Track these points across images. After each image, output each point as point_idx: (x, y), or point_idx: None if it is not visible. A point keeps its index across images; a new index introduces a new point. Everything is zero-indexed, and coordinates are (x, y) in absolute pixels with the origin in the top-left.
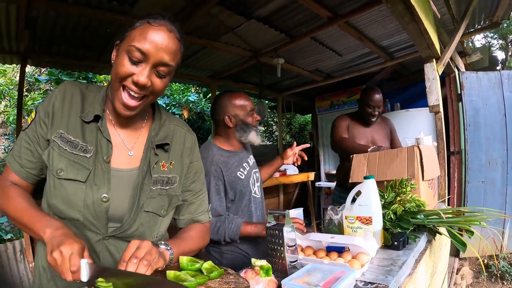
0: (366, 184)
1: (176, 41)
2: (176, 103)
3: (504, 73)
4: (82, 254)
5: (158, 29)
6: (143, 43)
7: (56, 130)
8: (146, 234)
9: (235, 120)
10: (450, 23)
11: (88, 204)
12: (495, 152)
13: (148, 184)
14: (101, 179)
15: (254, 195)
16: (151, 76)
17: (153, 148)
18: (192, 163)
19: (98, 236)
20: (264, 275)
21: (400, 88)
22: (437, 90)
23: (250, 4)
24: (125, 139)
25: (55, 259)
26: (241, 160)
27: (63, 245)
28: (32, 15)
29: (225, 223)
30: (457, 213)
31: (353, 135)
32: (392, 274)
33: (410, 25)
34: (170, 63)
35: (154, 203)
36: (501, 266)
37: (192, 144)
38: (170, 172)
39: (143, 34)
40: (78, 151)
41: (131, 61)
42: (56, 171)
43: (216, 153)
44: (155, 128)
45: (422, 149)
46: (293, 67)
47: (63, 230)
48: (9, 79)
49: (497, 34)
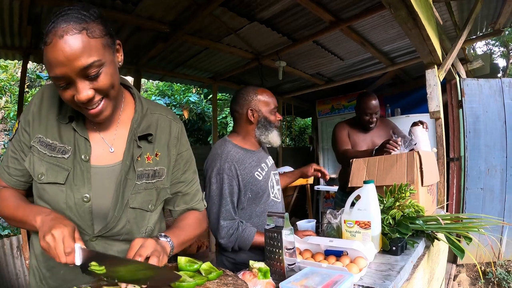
0: (365, 189)
1: (87, 35)
2: (176, 103)
3: (505, 80)
4: (74, 236)
5: (59, 43)
6: (55, 68)
7: (35, 135)
8: (134, 231)
9: (258, 116)
10: (452, 30)
11: (71, 206)
12: (495, 159)
13: (133, 179)
14: (80, 179)
15: (274, 198)
16: (88, 85)
17: (136, 140)
18: (180, 154)
19: (85, 237)
20: (262, 278)
21: (401, 94)
22: (438, 96)
23: (253, 6)
24: (104, 135)
25: (48, 243)
26: (259, 160)
27: (54, 228)
28: (36, 11)
29: (238, 230)
30: (456, 219)
31: (354, 141)
32: (390, 279)
33: (412, 31)
34: (92, 61)
35: (140, 199)
36: (498, 273)
37: (178, 133)
38: (157, 164)
39: (49, 59)
40: (57, 153)
41: (62, 88)
42: (37, 176)
43: (231, 150)
44: (137, 119)
45: (422, 155)
46: (295, 70)
47: (53, 215)
48: (10, 75)
49: (499, 41)
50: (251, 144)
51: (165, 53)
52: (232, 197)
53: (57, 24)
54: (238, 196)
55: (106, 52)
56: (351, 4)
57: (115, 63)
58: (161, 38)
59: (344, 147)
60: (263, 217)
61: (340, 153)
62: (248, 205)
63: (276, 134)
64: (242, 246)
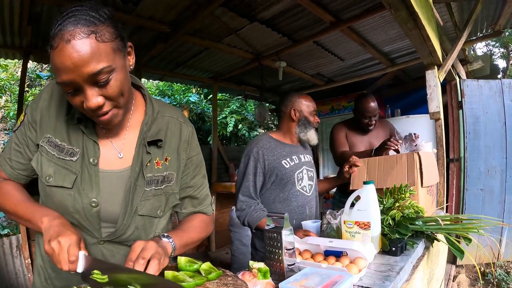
0: (365, 189)
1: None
2: (177, 103)
3: (505, 81)
4: (79, 245)
5: (66, 48)
6: (62, 74)
7: (43, 135)
8: (142, 237)
9: (299, 115)
10: (452, 31)
11: (78, 210)
12: (494, 160)
13: (142, 185)
14: (88, 183)
15: (301, 190)
16: (98, 92)
17: (145, 145)
18: (190, 158)
19: (93, 239)
20: (262, 278)
21: (401, 94)
22: (438, 97)
23: (253, 7)
24: (113, 139)
25: (53, 249)
26: (291, 153)
27: (62, 235)
28: (36, 10)
29: (250, 208)
30: (455, 220)
31: (351, 143)
32: (389, 279)
33: (412, 32)
34: (101, 67)
35: (149, 205)
36: (497, 274)
37: (189, 137)
38: (166, 169)
39: (56, 64)
40: (65, 155)
41: (69, 94)
42: (45, 178)
43: (263, 139)
44: (148, 123)
45: (422, 156)
46: (295, 71)
47: (61, 220)
48: (10, 74)
49: (499, 42)
50: (290, 140)
51: (165, 53)
52: (255, 176)
53: (64, 27)
54: (263, 177)
55: (116, 56)
56: (352, 4)
57: (126, 67)
58: (162, 38)
59: (342, 149)
60: (285, 204)
61: (338, 155)
62: (273, 189)
63: (313, 133)
64: (250, 224)
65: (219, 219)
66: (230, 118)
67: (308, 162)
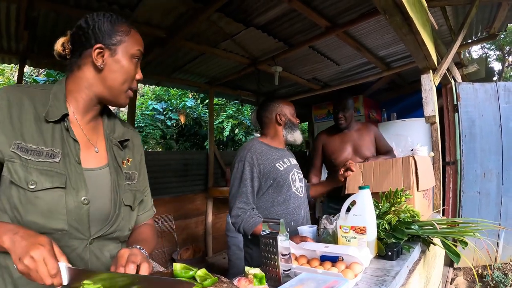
0: (361, 194)
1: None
2: (173, 108)
3: (500, 84)
4: (54, 253)
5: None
6: (140, 46)
7: (10, 143)
8: (125, 228)
9: (285, 119)
10: (447, 35)
11: (71, 210)
12: (490, 163)
13: (122, 179)
14: (77, 181)
15: (296, 192)
16: None
17: (117, 144)
18: (141, 162)
19: (84, 242)
20: (258, 284)
21: (396, 98)
22: (433, 101)
23: (249, 12)
24: (89, 137)
25: (27, 266)
26: (282, 156)
27: (31, 249)
28: (33, 15)
29: (245, 214)
30: (452, 224)
31: (332, 149)
32: (385, 284)
33: (407, 37)
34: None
35: (130, 197)
36: (495, 276)
37: (139, 142)
38: (130, 168)
39: (135, 36)
40: (45, 158)
41: (136, 64)
42: (26, 184)
43: (255, 145)
44: (109, 125)
45: (418, 160)
46: (291, 76)
47: (22, 232)
48: (7, 78)
49: (494, 45)
50: (278, 143)
51: (162, 58)
52: (252, 181)
53: (118, 20)
54: (258, 182)
55: None
56: (347, 9)
57: None
58: (158, 43)
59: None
60: (284, 206)
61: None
62: (271, 193)
63: (299, 133)
64: (245, 230)
65: (215, 224)
66: (226, 122)
67: (296, 165)
